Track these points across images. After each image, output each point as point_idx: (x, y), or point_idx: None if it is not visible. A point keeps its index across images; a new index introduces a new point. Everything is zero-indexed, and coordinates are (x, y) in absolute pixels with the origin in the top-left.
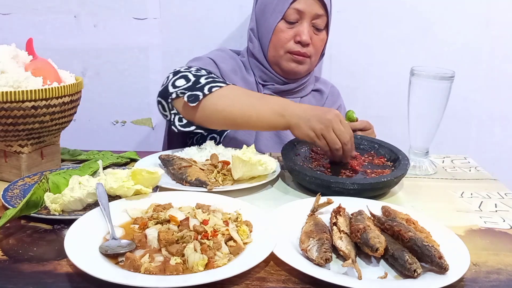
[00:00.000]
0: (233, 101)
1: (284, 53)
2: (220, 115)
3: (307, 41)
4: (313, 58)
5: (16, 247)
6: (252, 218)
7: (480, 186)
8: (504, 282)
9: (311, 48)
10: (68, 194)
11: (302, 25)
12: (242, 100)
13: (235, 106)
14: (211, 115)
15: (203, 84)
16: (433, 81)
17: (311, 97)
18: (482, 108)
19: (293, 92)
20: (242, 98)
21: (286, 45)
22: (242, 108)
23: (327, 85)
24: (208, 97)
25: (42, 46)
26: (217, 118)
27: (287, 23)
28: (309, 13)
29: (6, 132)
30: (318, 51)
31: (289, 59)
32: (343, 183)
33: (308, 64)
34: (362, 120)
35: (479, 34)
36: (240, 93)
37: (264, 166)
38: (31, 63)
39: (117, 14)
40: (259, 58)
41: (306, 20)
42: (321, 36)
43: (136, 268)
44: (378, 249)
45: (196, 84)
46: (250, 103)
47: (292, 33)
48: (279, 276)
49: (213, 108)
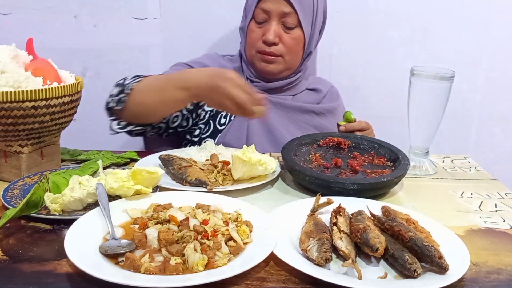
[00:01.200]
0: (145, 92)
1: (255, 53)
2: (142, 108)
3: (271, 40)
4: (286, 57)
5: (16, 247)
6: (252, 218)
7: (480, 186)
8: (504, 282)
9: (281, 47)
10: (68, 194)
11: (269, 24)
12: (151, 87)
13: (148, 96)
14: (136, 111)
15: (127, 85)
16: (433, 81)
17: (305, 94)
18: (482, 108)
19: (282, 90)
20: (151, 86)
21: (256, 44)
22: (154, 96)
23: (325, 84)
24: (129, 97)
25: (42, 46)
26: (142, 111)
27: (256, 23)
28: (275, 12)
29: (6, 132)
30: (291, 50)
31: (259, 59)
32: (343, 183)
33: (281, 64)
34: (361, 121)
35: (479, 34)
36: (149, 83)
37: (264, 166)
38: (31, 63)
39: (117, 14)
40: (245, 57)
41: (274, 19)
42: (294, 34)
43: (136, 268)
44: (378, 249)
45: (123, 88)
46: (157, 88)
47: (260, 33)
48: (279, 276)
49: (133, 103)
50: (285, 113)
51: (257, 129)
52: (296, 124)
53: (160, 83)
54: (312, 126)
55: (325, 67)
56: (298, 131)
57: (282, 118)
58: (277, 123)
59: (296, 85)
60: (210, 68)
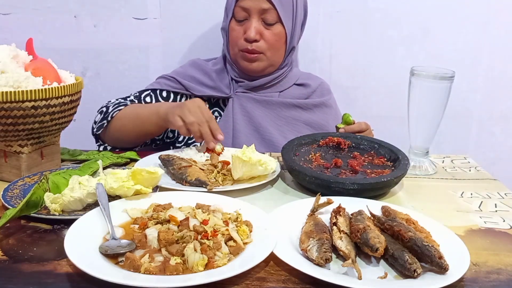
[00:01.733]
0: (124, 120)
1: (238, 51)
2: (122, 134)
3: (252, 37)
4: (268, 53)
5: (16, 247)
6: (252, 218)
7: (480, 186)
8: (504, 282)
9: (262, 43)
10: (68, 194)
11: (249, 22)
12: (130, 117)
13: (127, 124)
14: (117, 136)
15: (109, 112)
16: (433, 81)
17: (293, 90)
18: (482, 108)
19: (267, 87)
20: (129, 115)
21: (237, 43)
22: (130, 123)
23: (315, 80)
24: (111, 123)
25: (42, 46)
26: (122, 136)
27: (237, 22)
28: (254, 9)
29: (6, 132)
30: (273, 46)
31: (241, 58)
32: (343, 183)
33: (264, 61)
34: (360, 122)
35: (479, 34)
36: (128, 112)
37: (264, 166)
38: (31, 63)
39: (117, 14)
40: (228, 57)
41: (253, 17)
42: (275, 30)
43: (136, 268)
44: (378, 249)
45: (105, 115)
46: (135, 116)
47: (242, 31)
48: (279, 276)
49: (114, 130)
50: (272, 110)
51: (243, 129)
52: (285, 120)
53: (139, 110)
54: (301, 122)
55: (325, 67)
56: (287, 127)
57: (268, 115)
58: (263, 121)
59: (281, 80)
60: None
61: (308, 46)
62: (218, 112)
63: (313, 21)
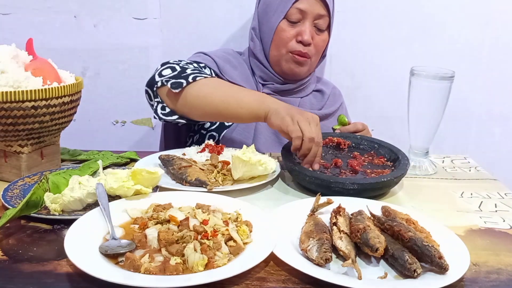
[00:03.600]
0: (215, 89)
1: (285, 53)
2: (202, 102)
3: (309, 40)
4: (313, 58)
5: (16, 247)
6: (252, 218)
7: (480, 186)
8: (504, 282)
9: (312, 48)
10: (68, 194)
11: (304, 25)
12: (223, 89)
13: (217, 93)
14: (193, 102)
15: (188, 73)
16: (433, 81)
17: (311, 97)
18: (482, 108)
19: (293, 92)
20: (224, 87)
21: (288, 44)
22: (223, 95)
23: (328, 86)
24: (192, 85)
25: (42, 46)
26: (199, 105)
27: (289, 23)
28: (311, 13)
29: (6, 132)
30: (319, 52)
31: (289, 60)
32: (343, 183)
33: (308, 65)
34: (355, 123)
35: (479, 34)
36: (223, 83)
37: (264, 166)
38: (31, 63)
39: (117, 14)
40: (260, 57)
41: (308, 20)
42: (323, 36)
43: (136, 268)
44: (378, 249)
45: (182, 73)
46: (231, 91)
47: (294, 33)
48: (279, 276)
49: (195, 95)
50: None
51: (264, 130)
52: None
53: (235, 89)
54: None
55: (325, 67)
56: None
57: None
58: None
59: (306, 87)
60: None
61: None
62: None
63: None
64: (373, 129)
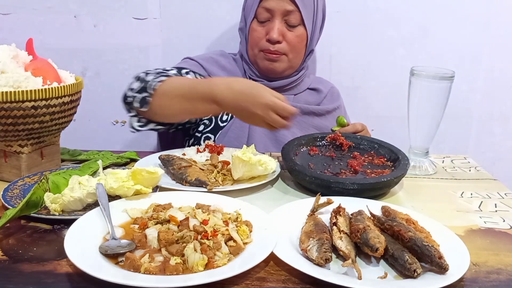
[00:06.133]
0: (170, 96)
1: (258, 52)
2: (164, 111)
3: (276, 38)
4: (290, 55)
5: (16, 247)
6: (252, 218)
7: (480, 186)
8: (504, 282)
9: (285, 45)
10: (68, 194)
11: (273, 23)
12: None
13: (172, 101)
14: (157, 112)
15: (149, 82)
16: (433, 81)
17: (306, 94)
18: (482, 108)
19: (284, 89)
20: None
21: (259, 43)
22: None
23: (326, 85)
24: (153, 97)
25: (42, 46)
26: (163, 114)
27: (258, 22)
28: (278, 10)
29: (6, 132)
30: (294, 48)
31: (262, 58)
32: (343, 183)
33: (285, 62)
34: (354, 124)
35: (479, 34)
36: (175, 86)
37: (264, 166)
38: (31, 63)
39: (117, 14)
40: (246, 57)
41: (277, 18)
42: (297, 32)
43: (136, 268)
44: (378, 249)
45: (145, 85)
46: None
47: (264, 32)
48: (279, 276)
49: (156, 105)
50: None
51: (258, 129)
52: (298, 125)
53: (185, 91)
54: (312, 127)
55: (325, 67)
56: (299, 131)
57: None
58: None
59: (298, 84)
60: (237, 83)
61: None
62: None
63: None
64: (373, 129)
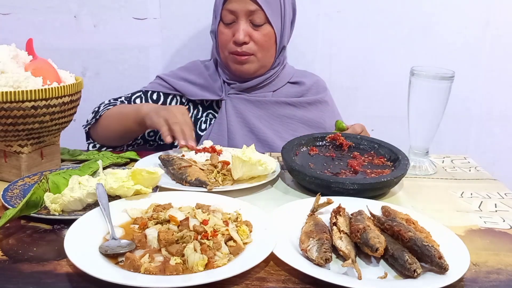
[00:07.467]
0: (111, 117)
1: (228, 54)
2: (106, 133)
3: (241, 40)
4: (259, 54)
5: (16, 247)
6: (252, 218)
7: (480, 186)
8: (504, 282)
9: (252, 45)
10: (68, 194)
11: (237, 25)
12: (115, 114)
13: (112, 120)
14: (103, 134)
15: (99, 112)
16: (433, 81)
17: (287, 88)
18: (482, 108)
19: (259, 87)
20: (116, 112)
21: (227, 46)
22: (116, 119)
23: (311, 78)
24: (98, 122)
25: (42, 46)
26: (107, 136)
27: (225, 25)
28: (241, 11)
29: (6, 132)
30: (262, 47)
31: (232, 60)
32: (343, 183)
33: (254, 62)
34: (353, 126)
35: (479, 34)
36: (116, 109)
37: (264, 166)
38: (31, 63)
39: (117, 14)
40: (219, 60)
41: (241, 19)
42: (263, 31)
43: (136, 268)
44: (378, 249)
45: (95, 114)
46: (119, 113)
47: (230, 34)
48: (279, 276)
49: (100, 128)
50: (265, 110)
51: (237, 130)
52: (280, 120)
53: (120, 113)
54: (296, 120)
55: (325, 67)
56: (282, 126)
57: (262, 115)
58: (257, 121)
59: (274, 80)
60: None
61: (308, 46)
62: (212, 114)
63: (313, 21)
64: (373, 129)
